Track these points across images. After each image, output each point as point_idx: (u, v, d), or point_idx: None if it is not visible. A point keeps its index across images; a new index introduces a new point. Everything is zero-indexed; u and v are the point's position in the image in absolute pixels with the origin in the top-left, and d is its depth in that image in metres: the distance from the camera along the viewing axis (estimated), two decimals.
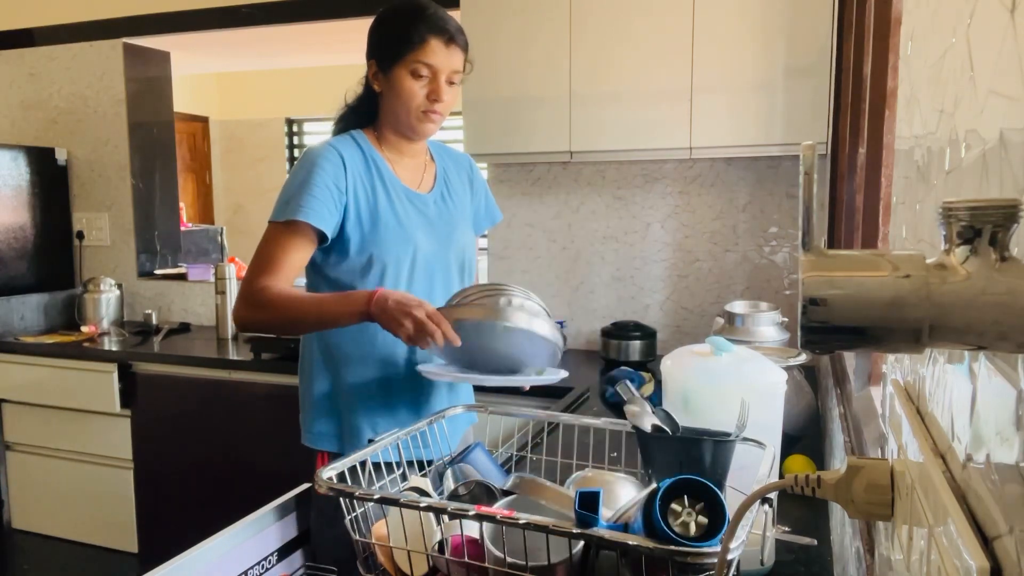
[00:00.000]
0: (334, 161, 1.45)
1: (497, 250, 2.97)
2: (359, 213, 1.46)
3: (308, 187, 1.42)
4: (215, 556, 0.92)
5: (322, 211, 1.42)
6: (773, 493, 0.85)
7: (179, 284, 3.51)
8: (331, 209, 1.43)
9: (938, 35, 0.65)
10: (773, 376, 1.07)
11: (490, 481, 1.00)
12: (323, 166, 1.44)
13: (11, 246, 3.30)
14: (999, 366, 0.43)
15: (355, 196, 1.46)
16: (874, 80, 1.39)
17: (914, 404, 0.68)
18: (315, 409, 1.54)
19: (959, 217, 0.41)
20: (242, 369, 2.75)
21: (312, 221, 1.41)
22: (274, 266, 1.43)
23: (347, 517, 0.93)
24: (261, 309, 1.41)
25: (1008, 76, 0.43)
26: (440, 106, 1.47)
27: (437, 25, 1.44)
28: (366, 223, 1.47)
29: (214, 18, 3.31)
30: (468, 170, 1.70)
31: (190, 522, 2.69)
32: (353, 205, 1.46)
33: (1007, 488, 0.40)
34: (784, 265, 2.63)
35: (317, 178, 1.43)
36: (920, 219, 0.71)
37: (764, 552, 1.04)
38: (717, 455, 0.88)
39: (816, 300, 0.43)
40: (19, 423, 3.15)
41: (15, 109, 3.66)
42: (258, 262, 1.45)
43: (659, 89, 2.37)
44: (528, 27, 2.48)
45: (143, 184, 3.55)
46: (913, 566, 0.55)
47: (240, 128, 5.87)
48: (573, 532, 0.76)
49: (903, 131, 0.87)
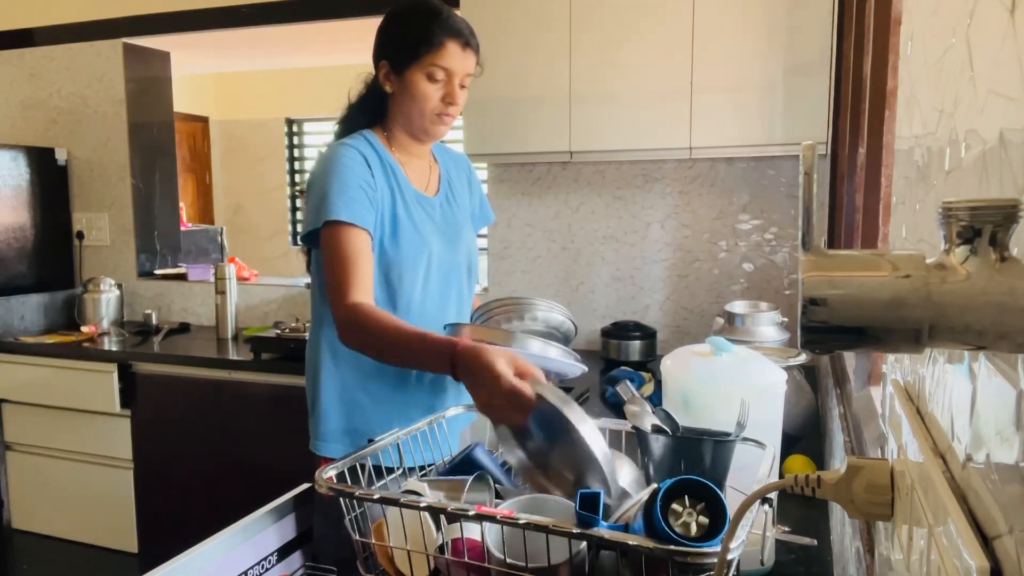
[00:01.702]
0: (360, 161, 1.43)
1: (497, 250, 2.97)
2: (382, 218, 1.44)
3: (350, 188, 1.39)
4: (215, 556, 0.92)
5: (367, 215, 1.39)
6: (773, 493, 0.85)
7: (179, 284, 3.51)
8: (370, 212, 1.41)
9: (938, 35, 0.65)
10: (773, 376, 1.07)
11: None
12: (353, 168, 1.41)
13: (11, 246, 3.30)
14: (999, 366, 0.43)
15: (380, 201, 1.44)
16: (874, 80, 1.39)
17: (914, 404, 0.68)
18: (325, 415, 1.49)
19: (959, 217, 0.41)
20: (242, 369, 2.74)
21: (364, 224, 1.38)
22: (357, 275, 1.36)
23: (347, 517, 0.93)
24: (356, 335, 1.34)
25: (1008, 76, 0.43)
26: (453, 109, 1.47)
27: (454, 28, 1.43)
28: (387, 228, 1.45)
29: (214, 18, 3.31)
30: (467, 171, 1.70)
31: (190, 522, 2.70)
32: (377, 211, 1.44)
33: (1007, 488, 0.40)
34: (784, 265, 2.63)
35: (351, 178, 1.40)
36: (920, 219, 0.71)
37: (764, 552, 1.04)
38: (717, 455, 0.88)
39: (816, 300, 0.43)
40: (19, 423, 3.15)
41: (15, 109, 3.66)
42: (342, 272, 1.36)
43: (659, 89, 2.37)
44: (528, 27, 2.48)
45: (143, 184, 3.55)
46: (913, 566, 0.55)
47: (240, 128, 5.87)
48: (573, 532, 0.76)
49: (903, 131, 0.87)
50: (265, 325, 3.21)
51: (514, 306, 1.38)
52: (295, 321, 2.94)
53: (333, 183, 1.39)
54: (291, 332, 2.83)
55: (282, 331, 2.86)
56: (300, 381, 1.61)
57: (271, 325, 3.11)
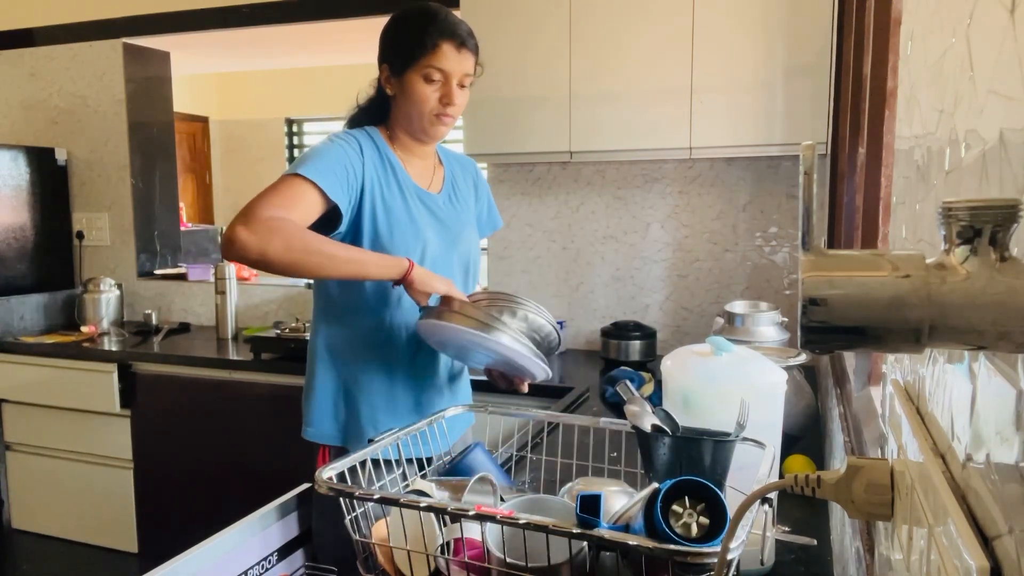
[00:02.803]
0: (353, 146, 1.46)
1: (497, 250, 2.97)
2: (374, 206, 1.46)
3: (328, 160, 1.40)
4: (215, 556, 0.92)
5: (338, 187, 1.39)
6: (773, 493, 0.85)
7: (179, 284, 3.51)
8: (345, 189, 1.41)
9: (938, 35, 0.65)
10: (773, 376, 1.07)
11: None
12: (343, 147, 1.44)
13: (11, 246, 3.30)
14: (999, 366, 0.43)
15: (371, 188, 1.46)
16: (874, 80, 1.39)
17: (914, 404, 0.68)
18: (317, 403, 1.54)
19: (959, 217, 0.41)
20: (242, 369, 2.75)
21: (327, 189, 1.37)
22: (292, 206, 1.34)
23: (347, 517, 0.93)
24: (273, 235, 1.28)
25: (1008, 76, 0.43)
26: (452, 109, 1.49)
27: (449, 30, 1.46)
28: (380, 217, 1.47)
29: (214, 18, 3.31)
30: (473, 174, 1.73)
31: (190, 522, 2.70)
32: (368, 197, 1.46)
33: (1007, 488, 0.40)
34: (784, 265, 2.63)
35: (337, 154, 1.42)
36: (920, 219, 0.71)
37: (764, 552, 1.04)
38: (717, 455, 0.88)
39: (816, 300, 0.43)
40: (19, 423, 3.15)
41: (15, 109, 3.66)
42: (271, 195, 1.33)
43: (659, 89, 2.37)
44: (528, 27, 2.48)
45: (143, 184, 3.55)
46: (913, 566, 0.55)
47: (240, 128, 5.87)
48: (573, 532, 0.76)
49: (903, 131, 0.87)
50: (265, 325, 3.21)
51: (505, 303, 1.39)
52: (295, 321, 2.94)
53: (313, 156, 1.41)
54: (291, 332, 2.83)
55: (282, 331, 2.86)
56: (300, 381, 1.62)
57: (271, 325, 3.11)
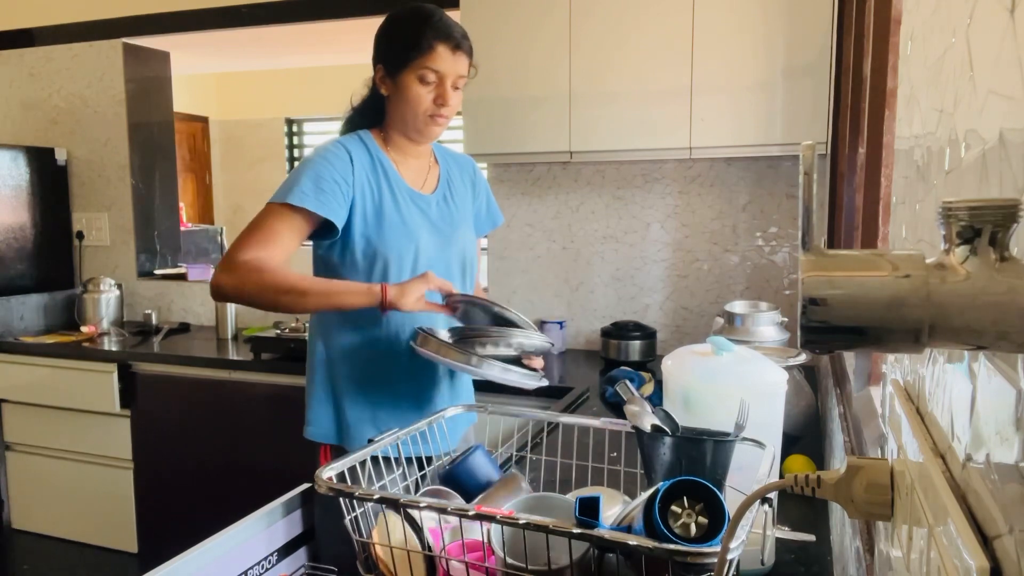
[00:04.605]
0: (342, 157, 1.47)
1: (497, 250, 2.97)
2: (365, 211, 1.48)
3: (315, 177, 1.43)
4: (215, 556, 0.92)
5: (329, 202, 1.42)
6: (773, 493, 0.85)
7: (179, 284, 3.51)
8: (339, 201, 1.44)
9: (938, 35, 0.65)
10: (773, 376, 1.07)
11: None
12: (331, 160, 1.46)
13: (11, 246, 3.30)
14: (999, 366, 0.43)
15: (362, 194, 1.48)
16: (874, 80, 1.39)
17: (914, 404, 0.68)
18: (317, 402, 1.55)
19: (959, 217, 0.41)
20: (242, 369, 2.75)
21: (314, 208, 1.41)
22: (269, 241, 1.40)
23: (347, 517, 0.93)
24: (248, 277, 1.36)
25: (1008, 76, 0.43)
26: (446, 110, 1.50)
27: (443, 32, 1.47)
28: (371, 221, 1.48)
29: (214, 18, 3.31)
30: (471, 173, 1.73)
31: (190, 522, 2.70)
32: (360, 203, 1.47)
33: (1007, 488, 0.40)
34: (784, 265, 2.63)
35: (324, 170, 1.44)
36: (920, 219, 0.71)
37: (764, 552, 1.04)
38: (717, 455, 0.88)
39: (816, 300, 0.43)
40: (19, 423, 3.15)
41: (15, 109, 3.66)
42: (250, 234, 1.40)
43: (659, 89, 2.37)
44: (528, 27, 2.48)
45: (143, 184, 3.55)
46: (913, 566, 0.55)
47: (240, 128, 5.87)
48: (573, 532, 0.76)
49: (903, 131, 0.87)
50: (265, 325, 3.21)
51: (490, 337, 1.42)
52: (295, 321, 2.94)
53: (300, 177, 1.43)
54: (291, 332, 2.83)
55: (282, 331, 2.86)
56: (300, 381, 1.62)
57: (271, 325, 3.11)
